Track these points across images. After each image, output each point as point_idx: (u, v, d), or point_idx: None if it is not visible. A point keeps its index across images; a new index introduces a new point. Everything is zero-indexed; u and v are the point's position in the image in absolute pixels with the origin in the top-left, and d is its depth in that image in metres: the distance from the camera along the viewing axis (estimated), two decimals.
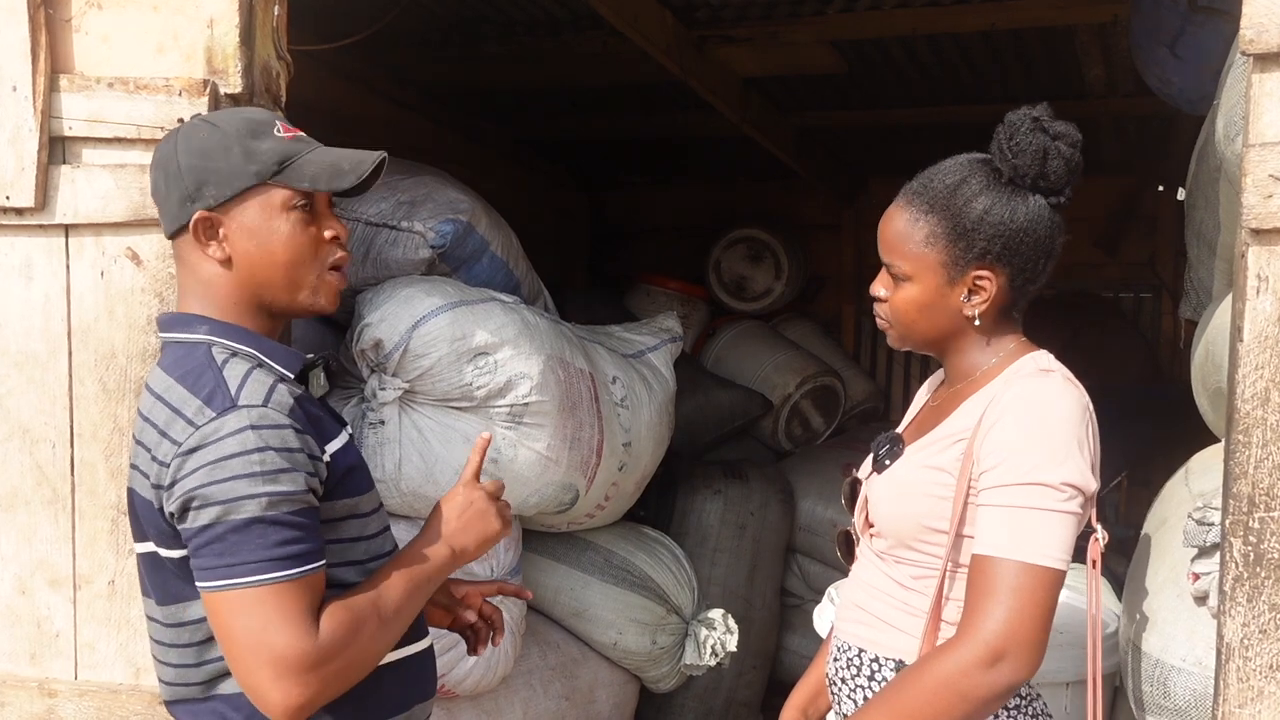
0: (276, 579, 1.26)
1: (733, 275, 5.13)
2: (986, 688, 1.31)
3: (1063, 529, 1.35)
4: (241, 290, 1.42)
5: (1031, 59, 3.70)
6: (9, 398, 1.92)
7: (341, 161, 1.43)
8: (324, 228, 1.44)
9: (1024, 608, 1.31)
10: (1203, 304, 2.24)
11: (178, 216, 1.41)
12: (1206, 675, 1.59)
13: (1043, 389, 1.42)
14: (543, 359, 2.38)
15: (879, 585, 1.52)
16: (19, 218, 1.87)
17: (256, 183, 1.39)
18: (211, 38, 1.81)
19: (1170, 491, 2.00)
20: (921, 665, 1.38)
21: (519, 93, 4.10)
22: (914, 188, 1.51)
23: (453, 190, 2.51)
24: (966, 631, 1.34)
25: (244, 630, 1.26)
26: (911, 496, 1.47)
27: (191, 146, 1.41)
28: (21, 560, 1.93)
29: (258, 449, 1.27)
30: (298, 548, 1.28)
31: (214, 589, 1.27)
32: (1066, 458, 1.36)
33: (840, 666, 1.56)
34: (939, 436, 1.48)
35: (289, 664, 1.25)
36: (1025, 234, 1.44)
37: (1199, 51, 2.29)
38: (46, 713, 1.91)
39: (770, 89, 4.07)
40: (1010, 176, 1.45)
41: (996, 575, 1.33)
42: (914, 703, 1.34)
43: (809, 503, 4.20)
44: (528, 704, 2.73)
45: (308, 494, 1.31)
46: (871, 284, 1.56)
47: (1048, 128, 1.44)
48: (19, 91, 1.84)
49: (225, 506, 1.25)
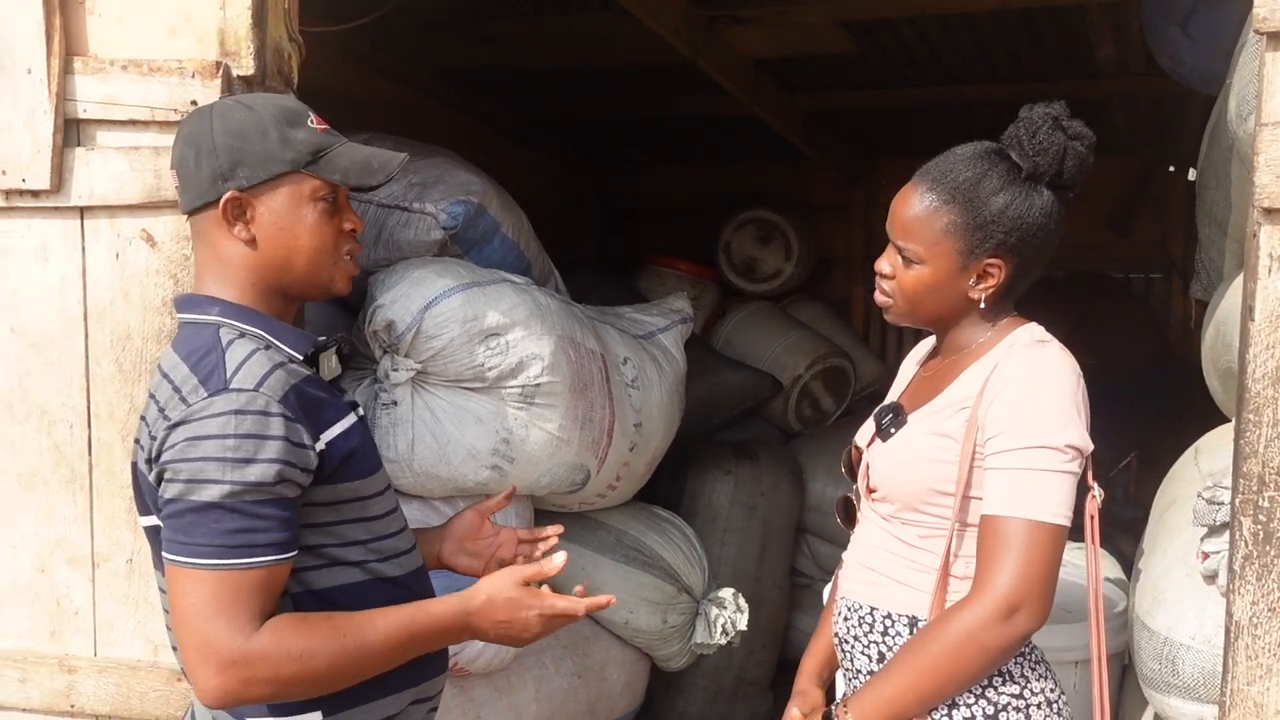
0: (220, 566, 1.28)
1: (742, 256, 5.13)
2: (1005, 638, 1.40)
3: (1066, 488, 1.44)
4: (261, 272, 1.44)
5: (1042, 38, 3.68)
6: (27, 378, 1.94)
7: (371, 160, 1.48)
8: (344, 220, 1.49)
9: (1034, 562, 1.40)
10: (1213, 284, 2.24)
11: (205, 193, 1.42)
12: (1215, 653, 1.60)
13: (1041, 358, 1.49)
14: (554, 340, 2.39)
15: (886, 545, 1.58)
16: (35, 200, 1.89)
17: (290, 170, 1.42)
18: (224, 19, 1.82)
19: (1180, 471, 2.01)
20: (940, 622, 1.45)
21: (528, 74, 4.09)
22: (933, 174, 1.55)
23: (464, 172, 2.52)
24: (982, 587, 1.42)
25: (187, 607, 1.29)
26: (918, 462, 1.53)
27: (228, 126, 1.42)
28: (41, 539, 1.95)
29: (235, 435, 1.28)
30: (250, 537, 1.29)
31: (170, 561, 1.31)
32: (1068, 422, 1.44)
33: (851, 625, 1.61)
34: (942, 405, 1.54)
35: (213, 652, 1.28)
36: (1039, 227, 1.51)
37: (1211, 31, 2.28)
38: (66, 689, 1.94)
39: (780, 70, 4.06)
40: (1030, 173, 1.50)
41: (1008, 533, 1.41)
42: (936, 658, 1.43)
43: (819, 483, 4.22)
44: (540, 681, 2.76)
45: (277, 485, 1.30)
46: (877, 260, 1.61)
47: (1066, 127, 1.50)
48: (34, 74, 1.85)
49: (189, 485, 1.28)
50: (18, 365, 1.94)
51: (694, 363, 3.12)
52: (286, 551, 1.33)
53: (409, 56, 3.82)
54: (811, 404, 4.68)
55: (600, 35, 3.56)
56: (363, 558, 1.43)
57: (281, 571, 1.33)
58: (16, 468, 1.95)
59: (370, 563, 1.44)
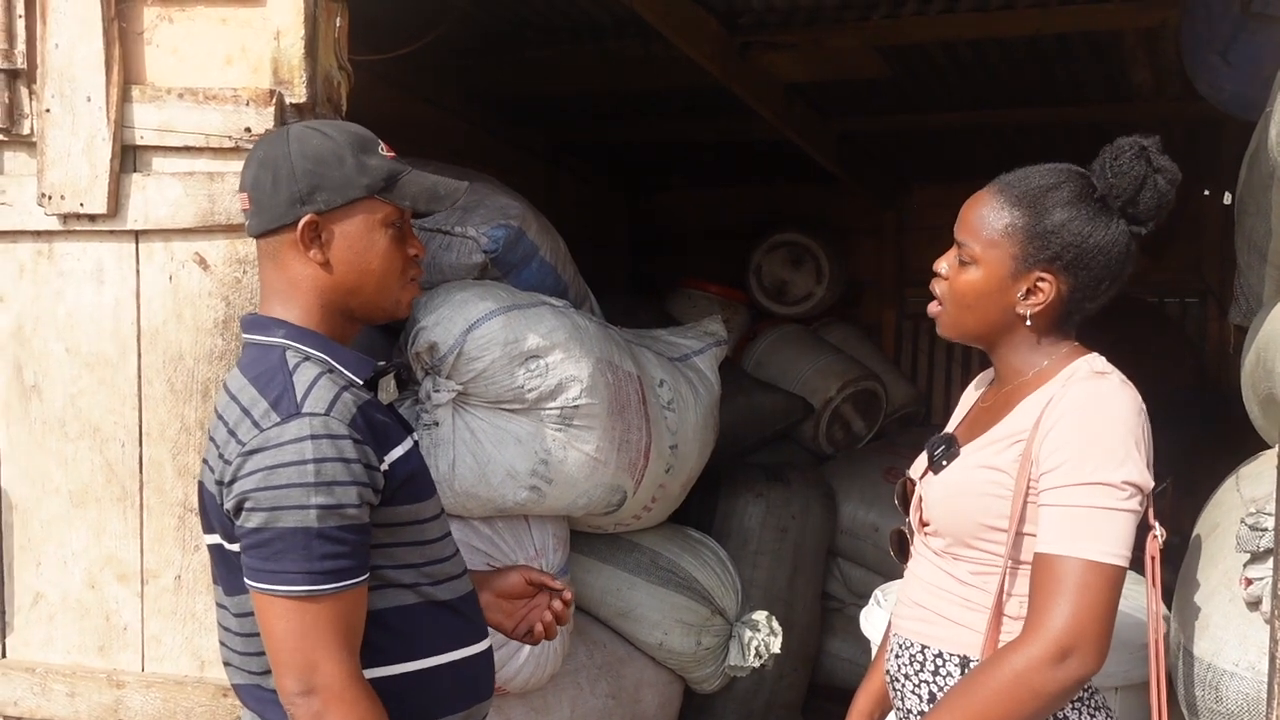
0: (314, 593, 1.30)
1: (774, 279, 5.14)
2: (1057, 683, 1.35)
3: (1124, 526, 1.39)
4: (331, 295, 1.47)
5: (1076, 62, 3.68)
6: (80, 398, 1.98)
7: (438, 186, 1.52)
8: (410, 245, 1.53)
9: (1089, 604, 1.35)
10: (1252, 310, 2.23)
11: (283, 215, 1.45)
12: (1259, 680, 1.59)
13: (1099, 390, 1.45)
14: (592, 362, 2.42)
15: (938, 582, 1.55)
16: (92, 224, 1.94)
17: (366, 195, 1.46)
18: (278, 49, 1.87)
19: (1222, 497, 2.00)
20: (991, 664, 1.41)
21: (561, 97, 4.13)
22: (1008, 179, 1.54)
23: (503, 196, 2.55)
24: (1034, 629, 1.37)
25: (284, 633, 1.32)
26: (969, 496, 1.50)
27: (306, 151, 1.45)
28: (91, 555, 1.99)
29: (315, 459, 1.30)
30: (340, 563, 1.31)
31: (258, 590, 1.33)
32: (1126, 457, 1.40)
33: (903, 663, 1.59)
34: (996, 437, 1.51)
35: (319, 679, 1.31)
36: (1100, 252, 1.48)
37: (1251, 58, 2.28)
38: (115, 703, 1.97)
39: (812, 94, 4.08)
40: (1103, 194, 1.49)
41: (1062, 573, 1.37)
42: (986, 701, 1.38)
43: (850, 506, 4.21)
44: (575, 702, 2.77)
45: (358, 508, 1.33)
46: (936, 260, 1.58)
47: (1153, 160, 1.47)
48: (93, 102, 1.91)
49: (274, 513, 1.30)
50: (71, 384, 1.98)
51: (726, 385, 3.13)
52: (364, 574, 1.36)
53: (445, 81, 3.88)
54: (843, 427, 4.68)
55: (635, 60, 3.59)
56: (415, 580, 1.45)
57: (360, 596, 1.36)
58: (69, 485, 2.00)
59: (422, 585, 1.46)
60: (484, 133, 4.32)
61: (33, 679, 2.00)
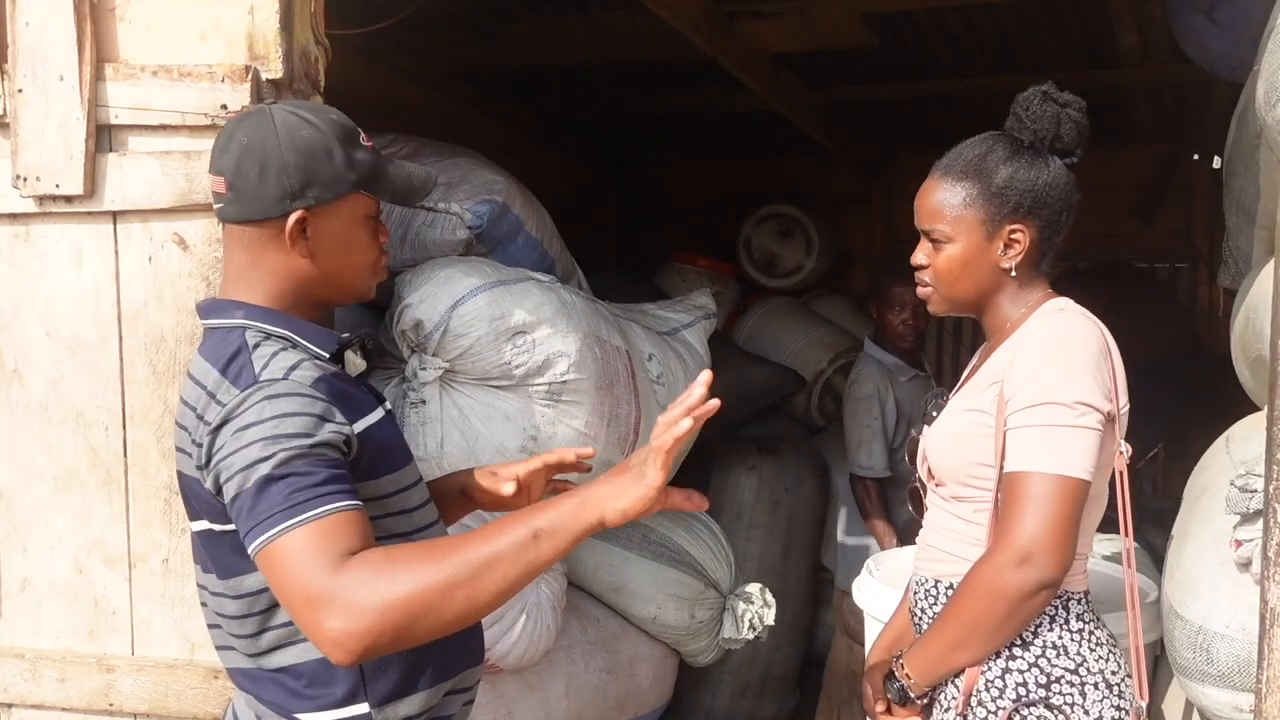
0: (291, 525, 1.25)
1: (763, 252, 5.12)
2: (1016, 586, 1.47)
3: (1080, 441, 1.48)
4: (309, 285, 1.47)
5: (1063, 27, 3.66)
6: (62, 381, 1.96)
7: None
8: (380, 233, 1.54)
9: (1046, 514, 1.46)
10: (1242, 272, 2.22)
11: (270, 209, 1.42)
12: (1250, 641, 1.60)
13: (1056, 321, 1.58)
14: (580, 337, 2.40)
15: (947, 525, 1.67)
16: (68, 205, 1.91)
17: (353, 191, 1.46)
18: (253, 24, 1.83)
19: (1211, 459, 2.00)
20: (966, 576, 1.55)
21: (548, 72, 4.09)
22: (945, 163, 1.67)
23: (488, 171, 2.53)
24: (999, 539, 1.51)
25: (285, 581, 1.26)
26: (957, 438, 1.62)
27: (297, 144, 1.42)
28: (78, 540, 1.98)
29: (272, 416, 1.29)
30: (310, 492, 1.27)
31: (254, 551, 1.29)
32: (1077, 378, 1.50)
33: (919, 598, 1.73)
34: (977, 382, 1.64)
35: (323, 601, 1.22)
36: (1049, 189, 1.61)
37: (1238, 17, 2.27)
38: (105, 688, 1.96)
39: (799, 64, 4.05)
40: (1031, 142, 1.62)
41: (1021, 487, 1.48)
42: (960, 606, 1.54)
43: (842, 477, 4.21)
44: (570, 677, 2.77)
45: (321, 446, 1.29)
46: (911, 255, 1.70)
47: (1056, 98, 1.63)
48: (66, 81, 1.87)
49: (245, 472, 1.28)
50: (53, 369, 1.96)
51: (716, 359, 3.12)
52: (350, 500, 1.29)
53: (428, 56, 3.83)
54: (834, 398, 4.68)
55: (619, 32, 3.56)
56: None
57: (352, 520, 1.28)
58: (53, 470, 1.98)
59: None
60: (468, 107, 4.28)
61: (23, 665, 1.99)
